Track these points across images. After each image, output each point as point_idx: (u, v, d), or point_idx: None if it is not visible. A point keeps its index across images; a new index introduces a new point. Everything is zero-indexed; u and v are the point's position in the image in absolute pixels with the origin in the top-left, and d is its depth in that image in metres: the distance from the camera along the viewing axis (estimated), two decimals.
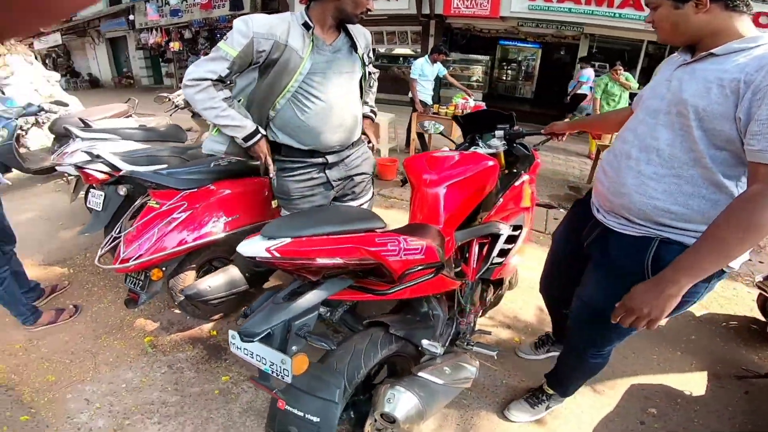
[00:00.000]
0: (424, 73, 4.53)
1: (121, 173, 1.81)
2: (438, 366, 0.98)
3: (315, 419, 0.78)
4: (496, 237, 1.44)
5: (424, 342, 0.98)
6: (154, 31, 10.89)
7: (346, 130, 1.46)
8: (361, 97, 1.57)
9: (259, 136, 1.36)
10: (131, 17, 11.37)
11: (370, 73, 1.64)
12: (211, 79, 1.27)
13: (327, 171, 1.50)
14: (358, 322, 1.13)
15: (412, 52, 8.85)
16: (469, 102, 4.46)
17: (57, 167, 2.25)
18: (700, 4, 0.87)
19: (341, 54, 1.40)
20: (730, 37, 0.88)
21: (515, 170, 1.71)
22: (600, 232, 1.08)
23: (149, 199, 1.71)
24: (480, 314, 1.52)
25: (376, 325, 1.03)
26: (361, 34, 1.50)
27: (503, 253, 1.47)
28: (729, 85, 0.82)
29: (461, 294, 1.31)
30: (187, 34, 10.55)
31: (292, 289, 0.84)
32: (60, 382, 1.53)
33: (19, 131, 3.65)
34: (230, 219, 1.71)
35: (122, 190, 2.04)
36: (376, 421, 0.90)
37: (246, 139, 1.34)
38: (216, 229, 1.66)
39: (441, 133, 1.94)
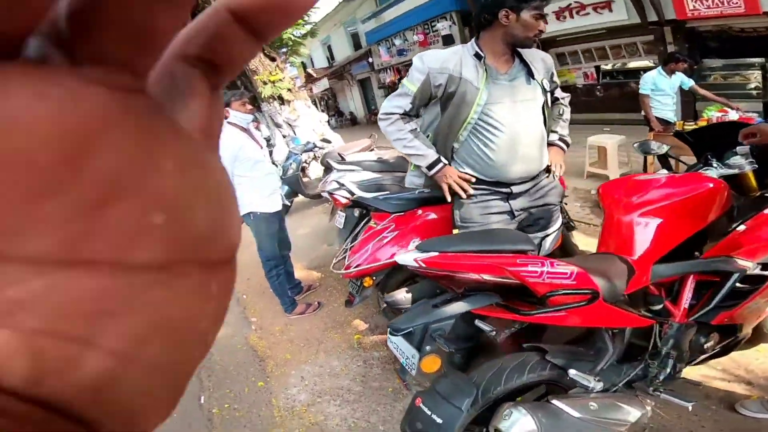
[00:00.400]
0: (659, 86, 4.02)
1: (353, 198, 2.53)
2: (584, 399, 0.97)
3: (438, 420, 0.96)
4: (727, 275, 1.23)
5: (572, 371, 1.00)
6: (388, 71, 13.19)
7: (529, 161, 1.52)
8: (545, 124, 1.59)
9: (441, 164, 1.52)
10: (370, 59, 14.09)
11: (556, 99, 1.68)
12: (399, 114, 1.51)
13: (510, 201, 1.58)
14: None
15: (652, 64, 7.60)
16: (730, 115, 3.56)
17: (322, 193, 3.25)
18: None
19: (518, 81, 1.47)
20: None
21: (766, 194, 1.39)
22: None
23: (371, 220, 2.32)
24: (694, 362, 1.30)
25: (536, 349, 1.13)
26: (539, 58, 1.55)
27: (738, 295, 1.23)
28: None
29: (660, 335, 1.19)
30: None
31: (444, 298, 1.08)
32: (292, 361, 2.28)
33: (303, 164, 5.42)
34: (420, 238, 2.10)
35: (356, 212, 2.78)
36: None
37: (429, 167, 1.52)
38: (413, 247, 2.08)
39: (667, 154, 1.76)
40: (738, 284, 1.22)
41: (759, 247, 1.24)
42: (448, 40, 10.37)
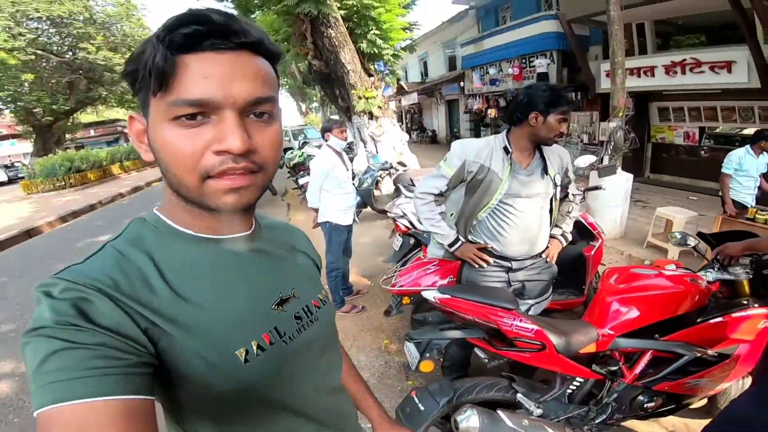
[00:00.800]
0: (743, 167, 3.86)
1: (410, 230, 3.08)
2: (521, 417, 1.40)
3: (421, 408, 1.44)
4: (680, 355, 1.59)
5: (519, 395, 1.44)
6: (477, 98, 13.57)
7: (532, 244, 1.82)
8: (551, 212, 1.86)
9: (459, 243, 1.84)
10: (462, 84, 14.61)
11: (566, 196, 1.94)
12: (434, 194, 1.81)
13: (510, 274, 1.88)
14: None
15: None
16: None
17: (388, 213, 3.74)
18: None
19: (534, 177, 1.76)
20: None
21: (745, 301, 1.69)
22: None
23: (420, 251, 2.85)
24: (640, 417, 1.65)
25: (508, 377, 1.59)
26: (556, 154, 1.83)
27: (682, 372, 1.58)
28: None
29: (609, 388, 1.58)
30: (502, 102, 12.50)
31: (448, 326, 1.58)
32: None
33: (378, 179, 6.09)
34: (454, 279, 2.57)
35: (411, 241, 3.32)
36: (451, 428, 1.43)
37: (450, 245, 1.85)
38: (446, 283, 2.56)
39: (695, 249, 1.97)
40: (692, 367, 1.57)
41: (713, 340, 1.59)
42: (542, 77, 10.46)
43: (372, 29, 7.15)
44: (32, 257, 6.21)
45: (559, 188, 1.85)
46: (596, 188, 3.69)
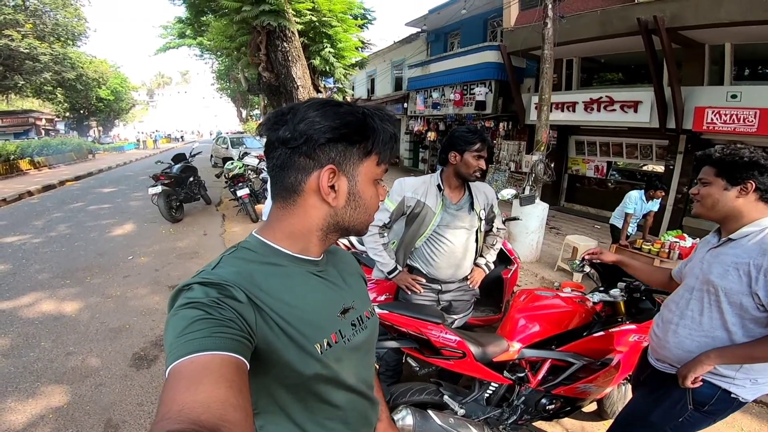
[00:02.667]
0: (636, 209, 4.69)
1: (350, 250, 3.33)
2: (447, 416, 1.70)
3: None
4: (571, 364, 1.98)
5: (445, 397, 1.75)
6: (419, 120, 14.12)
7: (458, 269, 2.11)
8: (477, 242, 2.13)
9: (397, 271, 2.10)
10: (405, 104, 15.13)
11: (490, 230, 2.25)
12: (379, 226, 2.06)
13: (440, 295, 2.16)
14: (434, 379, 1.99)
15: (660, 169, 8.31)
16: (686, 242, 4.25)
17: None
18: (744, 191, 1.29)
19: (462, 212, 2.05)
20: (747, 220, 1.30)
21: (620, 318, 2.14)
22: (651, 372, 1.57)
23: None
24: (543, 418, 2.03)
25: (436, 382, 1.89)
26: (482, 192, 2.12)
27: (574, 378, 1.98)
28: (742, 268, 1.26)
29: (518, 392, 1.94)
30: (442, 126, 13.18)
31: (385, 337, 1.85)
32: None
33: None
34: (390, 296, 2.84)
35: None
36: None
37: (389, 273, 2.12)
38: (383, 299, 2.82)
39: (589, 275, 2.32)
40: (580, 374, 1.97)
41: (596, 351, 2.00)
42: (480, 105, 11.24)
43: (327, 47, 7.37)
44: None
45: (483, 222, 2.16)
46: (514, 219, 4.20)
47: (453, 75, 12.12)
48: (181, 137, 48.52)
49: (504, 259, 3.18)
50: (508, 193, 3.76)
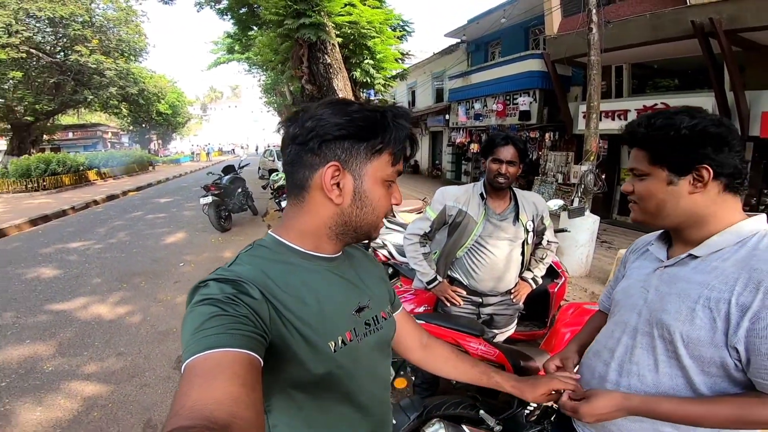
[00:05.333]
0: None
1: (389, 260, 3.31)
2: (484, 431, 1.61)
3: (393, 422, 1.62)
4: None
5: (482, 412, 1.65)
6: (461, 131, 13.94)
7: (500, 282, 2.02)
8: (523, 255, 2.03)
9: (436, 282, 2.05)
10: (447, 116, 14.98)
11: (540, 242, 2.11)
12: (419, 235, 2.05)
13: (480, 308, 2.10)
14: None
15: None
16: None
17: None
18: (699, 181, 0.83)
19: (506, 222, 1.96)
20: (715, 226, 0.85)
21: None
22: None
23: (398, 281, 3.07)
24: None
25: (473, 397, 1.80)
26: (531, 202, 2.02)
27: None
28: (716, 308, 0.78)
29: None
30: (485, 138, 12.90)
31: None
32: None
33: None
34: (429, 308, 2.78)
35: (390, 270, 3.53)
36: None
37: (428, 283, 2.07)
38: (422, 310, 2.77)
39: None
40: None
41: None
42: (524, 115, 11.01)
43: (366, 59, 7.52)
44: None
45: (530, 234, 2.04)
46: (562, 230, 4.01)
47: (495, 85, 11.97)
48: (233, 150, 50.95)
49: (551, 272, 3.03)
50: (554, 203, 3.60)
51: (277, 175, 8.58)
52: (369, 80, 7.63)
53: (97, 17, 19.50)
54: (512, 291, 2.12)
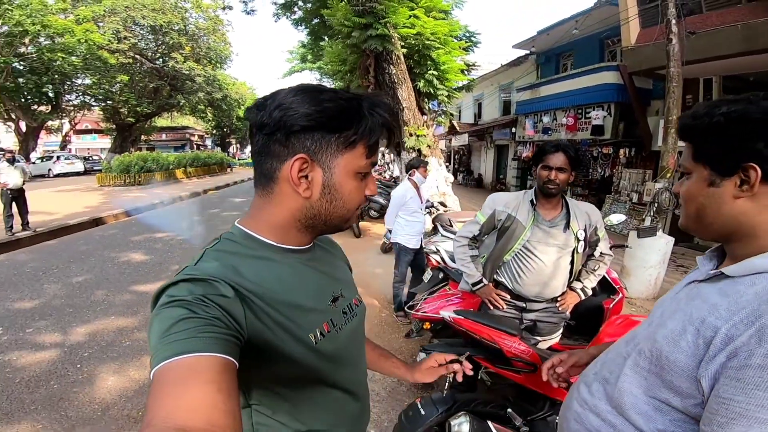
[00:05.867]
0: None
1: (440, 265, 3.37)
2: (510, 430, 1.62)
3: (422, 413, 1.65)
4: None
5: (510, 410, 1.65)
6: (528, 145, 13.47)
7: (545, 288, 2.02)
8: (573, 264, 2.03)
9: (481, 284, 2.11)
10: (513, 129, 14.54)
11: (592, 254, 2.10)
12: (468, 237, 2.13)
13: (523, 313, 2.10)
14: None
15: None
16: None
17: (425, 248, 4.01)
18: (746, 183, 0.67)
19: (556, 229, 1.97)
20: (765, 242, 0.68)
21: None
22: None
23: (447, 285, 3.12)
24: None
25: (504, 397, 1.83)
26: (584, 212, 2.01)
27: None
28: (705, 333, 0.65)
29: None
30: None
31: (457, 342, 1.85)
32: None
33: None
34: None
35: (440, 275, 3.55)
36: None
37: (474, 284, 2.15)
38: None
39: None
40: None
41: None
42: (597, 130, 10.41)
43: (431, 69, 7.61)
44: (97, 244, 7.06)
45: (581, 243, 2.03)
46: (622, 246, 3.80)
47: (566, 98, 11.46)
48: None
49: (608, 287, 2.91)
50: (615, 218, 3.43)
51: None
52: (433, 91, 7.71)
53: (190, 26, 21.57)
54: (559, 299, 2.11)
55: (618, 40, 10.20)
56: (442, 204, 6.51)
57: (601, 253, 2.15)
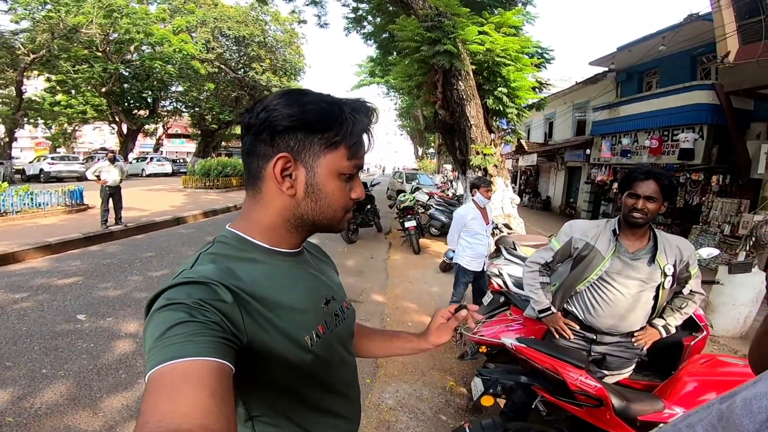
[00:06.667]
0: None
1: (502, 289, 3.25)
2: None
3: None
4: None
5: None
6: (603, 168, 12.59)
7: (622, 322, 1.90)
8: (656, 299, 1.89)
9: (549, 312, 2.03)
10: (588, 151, 13.66)
11: (680, 292, 1.95)
12: (540, 263, 2.06)
13: (592, 344, 1.98)
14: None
15: None
16: None
17: (487, 271, 3.88)
18: None
19: (640, 262, 1.83)
20: None
21: None
22: None
23: (508, 310, 3.01)
24: None
25: (560, 429, 1.71)
26: (675, 245, 1.85)
27: None
28: None
29: None
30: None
31: (516, 370, 1.76)
32: (397, 377, 3.17)
33: None
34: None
35: (501, 299, 3.43)
36: None
37: (540, 312, 2.07)
38: None
39: None
40: None
41: None
42: (686, 154, 9.61)
43: (500, 86, 7.42)
44: (177, 241, 7.72)
45: (668, 279, 1.87)
46: (712, 282, 3.44)
47: (649, 119, 10.72)
48: (367, 169, 54.41)
49: (691, 324, 2.62)
50: (706, 252, 3.10)
51: (404, 195, 9.00)
52: (502, 108, 7.51)
53: (269, 38, 23.21)
54: (636, 334, 1.96)
55: (713, 56, 9.39)
56: (507, 226, 6.29)
57: (690, 291, 1.96)
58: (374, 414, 2.75)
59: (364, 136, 0.73)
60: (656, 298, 1.90)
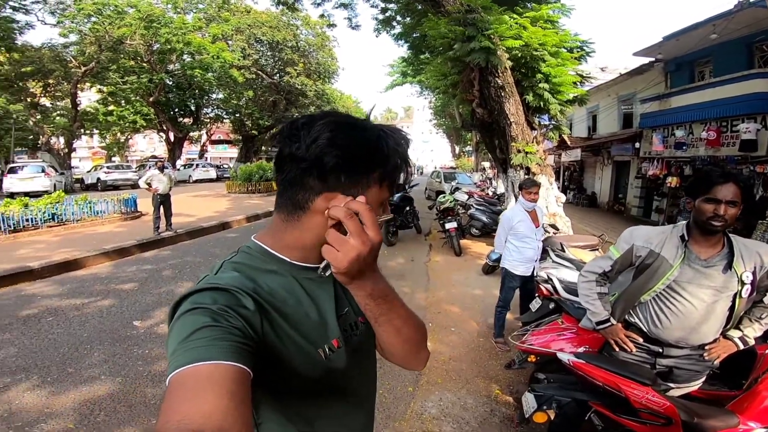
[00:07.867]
0: None
1: (552, 295, 3.15)
2: None
3: None
4: None
5: None
6: (655, 162, 11.95)
7: (692, 334, 1.78)
8: (732, 310, 1.75)
9: (608, 324, 1.92)
10: (637, 144, 12.98)
11: (760, 301, 1.81)
12: (597, 273, 1.95)
13: (657, 357, 1.88)
14: None
15: None
16: None
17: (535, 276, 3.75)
18: None
19: (714, 270, 1.71)
20: None
21: None
22: None
23: (560, 318, 2.88)
24: None
25: None
26: (755, 252, 1.71)
27: None
28: None
29: None
30: (687, 170, 10.86)
31: (577, 384, 1.71)
32: (440, 385, 3.12)
33: None
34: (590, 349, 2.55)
35: (551, 305, 3.29)
36: None
37: (597, 323, 1.97)
38: (581, 351, 2.56)
39: None
40: None
41: None
42: (748, 145, 9.00)
43: (541, 82, 7.15)
44: (223, 246, 8.04)
45: (746, 287, 1.73)
46: None
47: (706, 109, 10.16)
48: (420, 170, 53.17)
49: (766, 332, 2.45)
50: None
51: (444, 197, 8.91)
52: (543, 105, 7.24)
53: (301, 42, 23.61)
54: (707, 346, 1.84)
55: None
56: (553, 226, 6.06)
57: None
58: (417, 423, 2.72)
59: (403, 166, 0.76)
60: (732, 308, 1.77)
